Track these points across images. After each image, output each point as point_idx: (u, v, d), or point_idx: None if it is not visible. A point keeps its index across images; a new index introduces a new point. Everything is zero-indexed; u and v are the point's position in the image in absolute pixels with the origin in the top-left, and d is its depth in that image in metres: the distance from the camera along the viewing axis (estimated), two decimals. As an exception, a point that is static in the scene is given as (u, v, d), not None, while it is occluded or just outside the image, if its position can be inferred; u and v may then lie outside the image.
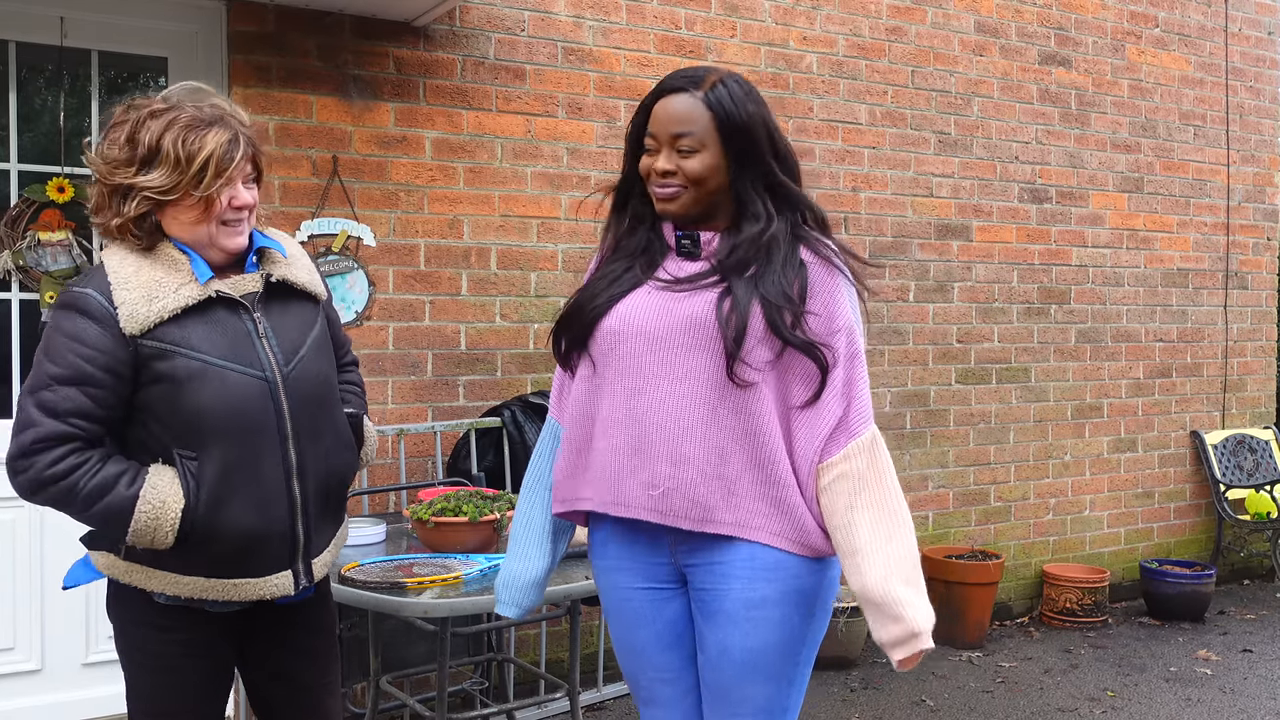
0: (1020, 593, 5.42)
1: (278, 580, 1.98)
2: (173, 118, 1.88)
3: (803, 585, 1.88)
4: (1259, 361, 6.31)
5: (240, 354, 1.92)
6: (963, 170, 5.20)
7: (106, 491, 1.83)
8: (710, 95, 1.87)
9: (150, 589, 1.95)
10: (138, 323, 1.84)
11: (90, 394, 1.83)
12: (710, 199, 1.91)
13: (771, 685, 1.90)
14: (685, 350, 1.85)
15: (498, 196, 4.09)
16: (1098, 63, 5.61)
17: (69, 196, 3.52)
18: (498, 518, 2.94)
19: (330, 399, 2.09)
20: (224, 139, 1.89)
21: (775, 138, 1.92)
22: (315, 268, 2.16)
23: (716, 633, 1.90)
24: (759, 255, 1.86)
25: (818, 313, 1.85)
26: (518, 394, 4.09)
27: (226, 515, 1.89)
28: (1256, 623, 5.40)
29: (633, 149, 1.98)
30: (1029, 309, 5.42)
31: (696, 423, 1.84)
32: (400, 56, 3.90)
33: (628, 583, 2.02)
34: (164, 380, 1.86)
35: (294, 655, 2.15)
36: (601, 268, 2.01)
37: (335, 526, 2.14)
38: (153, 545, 1.87)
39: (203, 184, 1.86)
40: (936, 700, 4.22)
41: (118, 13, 3.58)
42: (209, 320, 1.91)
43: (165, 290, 1.87)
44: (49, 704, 3.55)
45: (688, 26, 4.48)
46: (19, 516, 3.52)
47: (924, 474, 5.13)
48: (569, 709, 3.28)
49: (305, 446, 1.98)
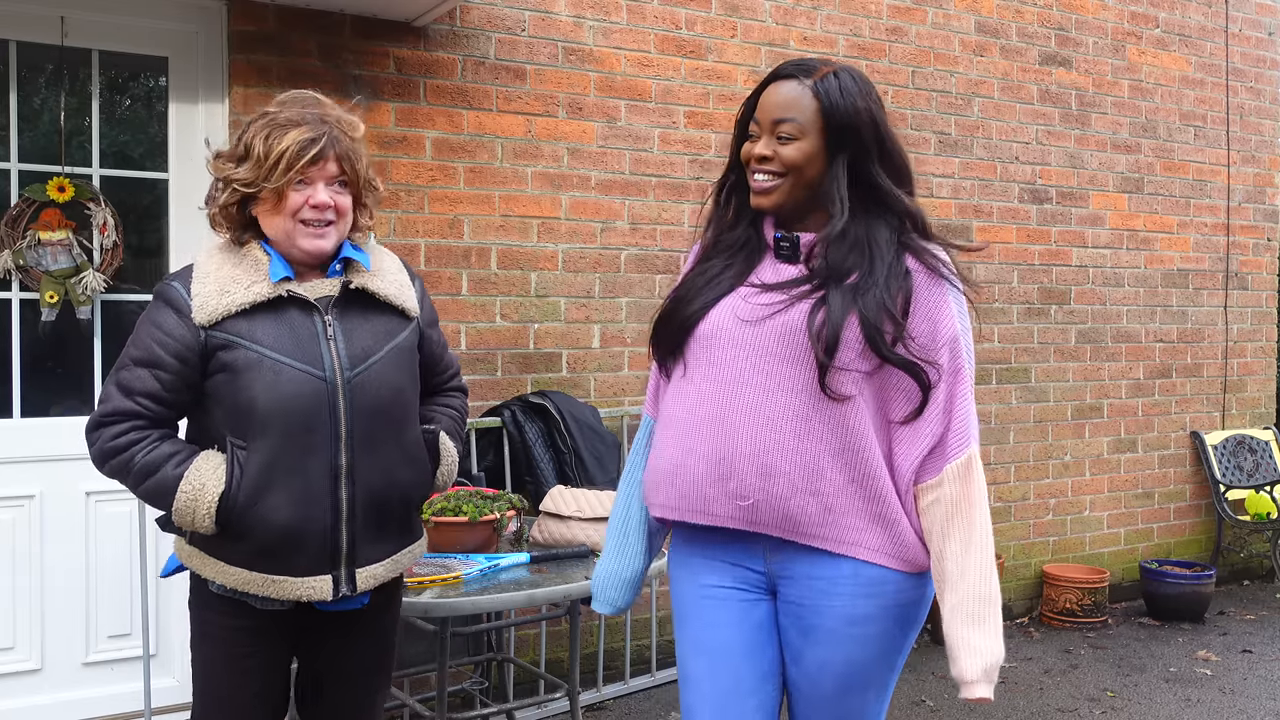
0: (1020, 593, 5.42)
1: (315, 583, 1.99)
2: (271, 118, 1.99)
3: (904, 599, 1.85)
4: (1259, 362, 6.31)
5: (303, 352, 1.97)
6: (963, 170, 5.20)
7: (156, 469, 1.95)
8: (819, 84, 1.82)
9: (204, 575, 2.03)
10: (207, 314, 1.95)
11: (160, 377, 1.95)
12: (807, 192, 1.84)
13: (871, 693, 1.89)
14: (779, 360, 1.79)
15: (498, 196, 4.09)
16: (1098, 63, 5.61)
17: (69, 196, 3.52)
18: (497, 518, 2.94)
19: (399, 411, 2.08)
20: (304, 137, 1.96)
21: (884, 137, 1.85)
22: (413, 286, 2.18)
23: (817, 649, 1.85)
24: (860, 261, 1.79)
25: (921, 326, 1.79)
26: (518, 394, 4.09)
27: (263, 507, 1.94)
28: (1256, 623, 5.40)
29: (739, 136, 1.93)
30: (1029, 309, 5.42)
31: (788, 435, 1.78)
32: (400, 56, 3.90)
33: (716, 580, 1.93)
34: (226, 370, 1.95)
35: (338, 668, 2.16)
36: (699, 264, 1.96)
37: (396, 542, 2.11)
38: (194, 527, 1.96)
39: (273, 177, 1.95)
40: (936, 700, 4.22)
41: (118, 12, 3.58)
42: (279, 319, 1.98)
43: (239, 286, 1.98)
44: (49, 704, 3.55)
45: (688, 26, 4.48)
46: (19, 516, 3.52)
47: (924, 474, 5.12)
48: (569, 709, 3.28)
49: (360, 453, 1.99)
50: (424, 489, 2.17)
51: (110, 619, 3.63)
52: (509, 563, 2.82)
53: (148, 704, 3.29)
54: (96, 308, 3.58)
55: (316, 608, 2.05)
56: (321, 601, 2.02)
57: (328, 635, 2.13)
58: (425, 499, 2.22)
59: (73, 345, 3.58)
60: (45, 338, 3.55)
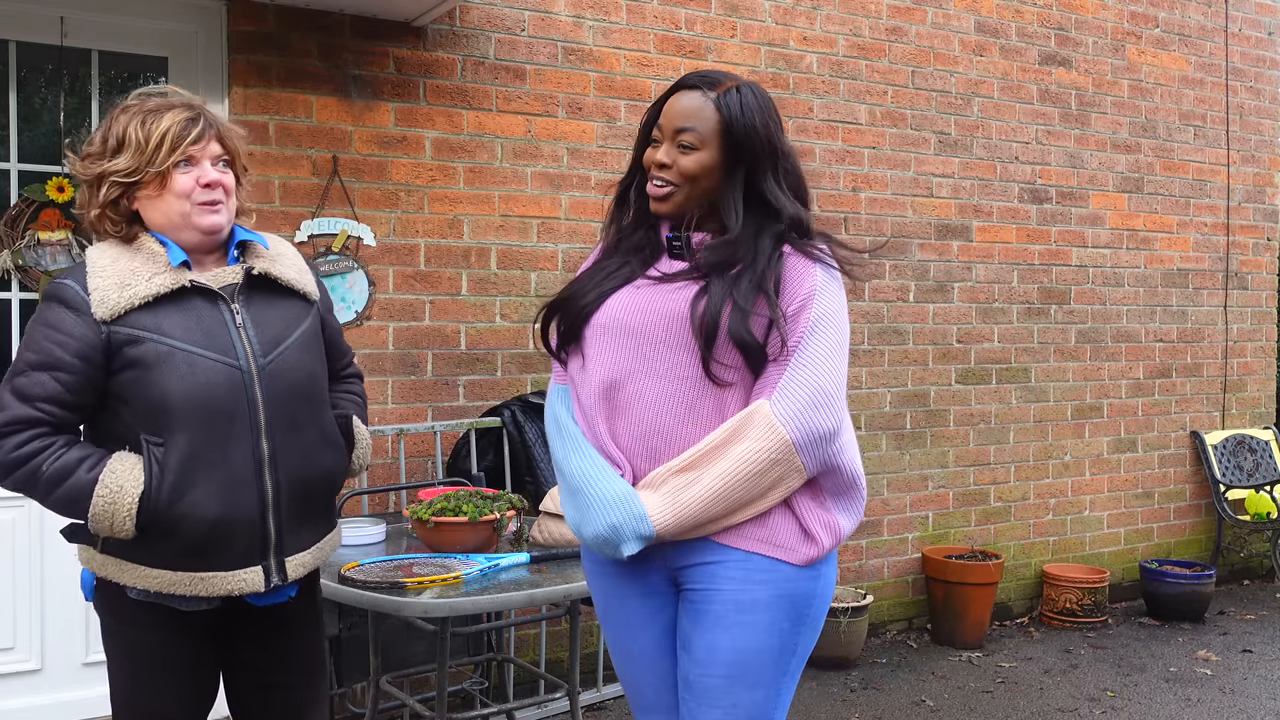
0: (1020, 593, 5.42)
1: (246, 575, 1.94)
2: (138, 108, 1.95)
3: (794, 590, 1.85)
4: (1259, 362, 6.31)
5: (214, 342, 1.92)
6: (963, 170, 5.20)
7: (67, 475, 1.85)
8: (722, 98, 1.88)
9: (123, 583, 1.94)
10: (108, 308, 1.87)
11: (61, 379, 1.86)
12: (702, 200, 1.91)
13: (759, 692, 1.86)
14: (666, 347, 1.85)
15: (498, 196, 4.09)
16: (1098, 63, 5.61)
17: (69, 196, 3.52)
18: (498, 517, 2.94)
19: (315, 396, 2.07)
20: (181, 118, 1.94)
21: (780, 153, 1.90)
22: (310, 269, 2.16)
23: (704, 634, 1.87)
24: (745, 255, 1.85)
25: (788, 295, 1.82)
26: (518, 394, 4.09)
27: (189, 502, 1.88)
28: (1256, 623, 5.40)
29: (642, 142, 1.98)
30: (1029, 309, 5.42)
31: (671, 421, 1.83)
32: (400, 56, 3.90)
33: (621, 588, 1.99)
34: (134, 366, 1.88)
35: (276, 662, 2.11)
36: (598, 262, 2.01)
37: (319, 528, 2.10)
38: (113, 533, 1.87)
39: (158, 160, 1.90)
40: (936, 700, 4.22)
41: (118, 13, 3.58)
42: (184, 309, 1.92)
43: (139, 278, 1.90)
44: (49, 704, 3.55)
45: (688, 26, 4.48)
46: (19, 517, 3.52)
47: (924, 474, 5.13)
48: (569, 709, 3.28)
49: (281, 440, 1.97)
50: (343, 472, 2.15)
51: (110, 619, 3.63)
52: (509, 563, 2.82)
53: (148, 704, 3.29)
54: (96, 308, 3.58)
55: (247, 602, 2.00)
56: (253, 595, 1.97)
57: (256, 634, 2.08)
58: (344, 483, 2.20)
59: (72, 345, 3.58)
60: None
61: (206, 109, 2.00)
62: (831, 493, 1.88)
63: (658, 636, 1.97)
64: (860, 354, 4.94)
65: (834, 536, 1.87)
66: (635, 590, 1.97)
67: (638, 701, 2.04)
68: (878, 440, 5.00)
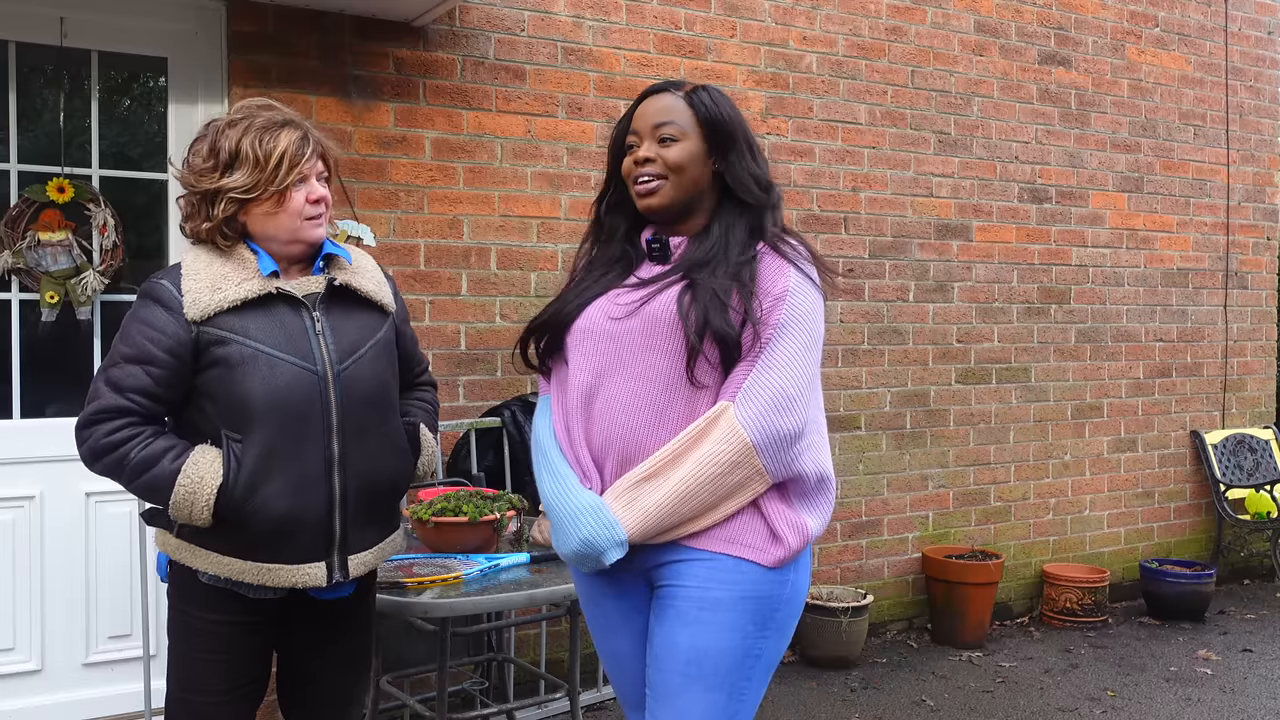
0: (1020, 593, 5.42)
1: (310, 570, 2.05)
2: (248, 124, 2.05)
3: (760, 592, 1.85)
4: (1259, 361, 6.31)
5: (295, 347, 2.03)
6: (962, 170, 5.20)
7: (152, 464, 1.97)
8: (692, 95, 1.97)
9: (195, 567, 2.05)
10: (199, 309, 1.99)
11: (152, 373, 1.98)
12: (690, 191, 1.94)
13: (718, 695, 1.83)
14: (642, 350, 1.87)
15: (498, 196, 4.09)
16: (1097, 63, 5.61)
17: (69, 197, 3.52)
18: (498, 518, 2.94)
19: (385, 403, 2.16)
20: (295, 137, 2.05)
21: (751, 140, 1.98)
22: (388, 283, 2.27)
23: (664, 628, 1.87)
24: (719, 252, 1.89)
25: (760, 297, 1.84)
26: (518, 394, 4.09)
27: (263, 497, 1.98)
28: (1256, 622, 5.40)
29: (614, 156, 2.02)
30: (1029, 309, 5.42)
31: (643, 424, 1.85)
32: (400, 56, 3.90)
33: (598, 590, 2.02)
34: (220, 365, 1.99)
35: (326, 656, 2.22)
36: (578, 275, 2.05)
37: (382, 530, 2.19)
38: (191, 521, 1.98)
39: (278, 179, 2.02)
40: (936, 700, 4.22)
41: (118, 13, 3.58)
42: (269, 315, 2.03)
43: (229, 283, 2.02)
44: (49, 704, 3.55)
45: (687, 26, 4.48)
46: (19, 517, 3.52)
47: (924, 474, 5.13)
48: (569, 709, 3.28)
49: (350, 442, 2.06)
50: (408, 478, 2.25)
51: (110, 620, 3.63)
52: (509, 563, 2.82)
53: (148, 705, 3.29)
54: (96, 308, 3.58)
55: (309, 595, 2.11)
56: (315, 589, 2.07)
57: (313, 626, 2.18)
58: (409, 487, 2.30)
59: (72, 346, 3.58)
60: (45, 338, 3.55)
61: (308, 125, 2.12)
62: (799, 494, 1.88)
63: (634, 637, 1.99)
64: (860, 354, 4.94)
65: (801, 537, 1.86)
66: (611, 592, 2.00)
67: (625, 699, 2.07)
68: (878, 440, 5.00)
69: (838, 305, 4.84)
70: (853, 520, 4.94)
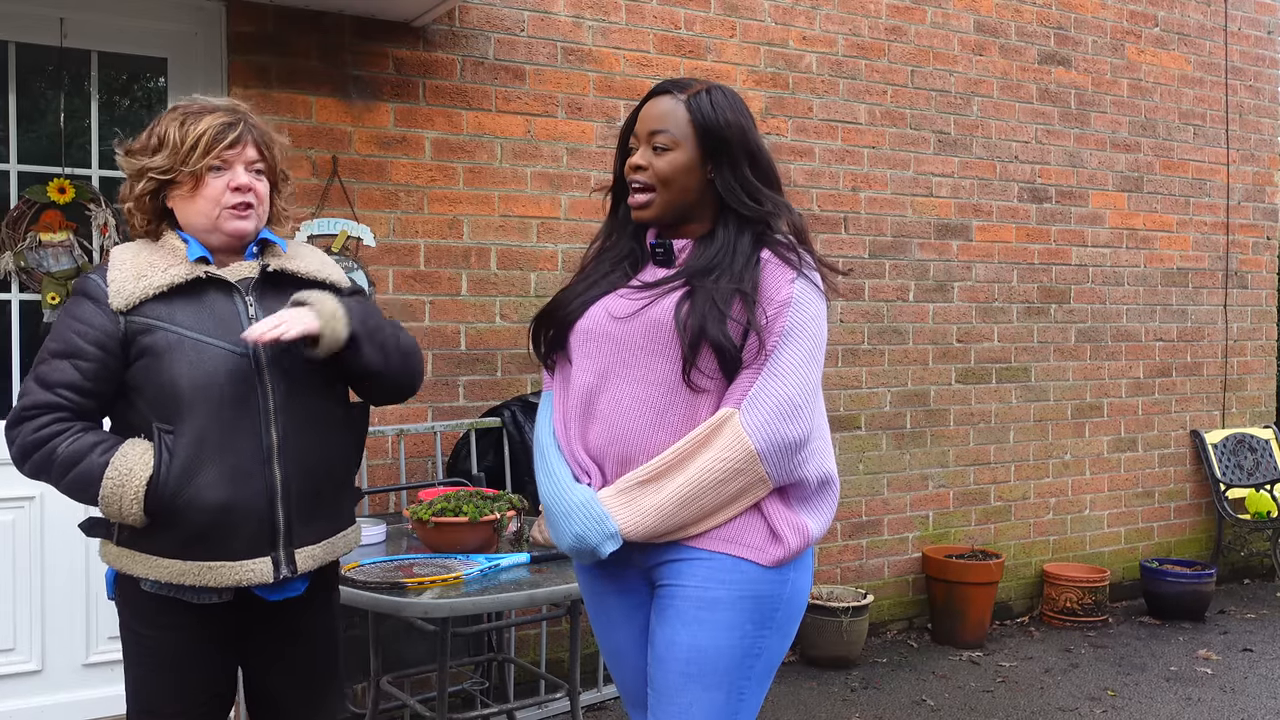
0: (1020, 592, 5.42)
1: (255, 566, 1.95)
2: (184, 109, 2.02)
3: (759, 592, 1.85)
4: (1259, 361, 6.31)
5: (225, 331, 1.96)
6: (962, 170, 5.20)
7: (80, 459, 1.90)
8: (693, 100, 1.93)
9: (136, 574, 1.97)
10: (124, 299, 1.93)
11: (80, 367, 1.92)
12: (681, 202, 1.93)
13: (718, 694, 1.84)
14: (644, 353, 1.87)
15: (498, 196, 4.09)
16: (1097, 62, 5.61)
17: (70, 197, 3.52)
18: (498, 518, 2.94)
19: (324, 387, 2.07)
20: (218, 122, 1.99)
21: (753, 148, 1.94)
22: (332, 262, 2.19)
23: (665, 628, 1.88)
24: (724, 259, 1.88)
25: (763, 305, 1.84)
26: (518, 394, 4.09)
27: (196, 488, 1.90)
28: (1257, 622, 5.40)
29: (621, 153, 2.02)
30: (1029, 309, 5.42)
31: (642, 427, 1.86)
32: (400, 57, 3.90)
33: (601, 587, 2.03)
34: (147, 354, 1.93)
35: (288, 662, 2.12)
36: (585, 269, 2.05)
37: (332, 521, 2.10)
38: (123, 518, 1.91)
39: (190, 161, 1.96)
40: (937, 700, 4.22)
41: (118, 13, 3.58)
42: (199, 301, 1.97)
43: (155, 270, 1.97)
44: (49, 704, 3.55)
45: (687, 26, 4.48)
46: (19, 517, 3.52)
47: (924, 474, 5.14)
48: (569, 709, 3.28)
49: (290, 429, 1.98)
50: (353, 466, 2.16)
51: (110, 620, 3.60)
52: (509, 563, 2.82)
53: (148, 705, 3.29)
54: (96, 309, 3.58)
55: (257, 594, 2.01)
56: (263, 587, 1.98)
57: (268, 631, 2.09)
58: (354, 476, 2.20)
59: (73, 346, 3.58)
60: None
61: (250, 115, 2.06)
62: (800, 496, 1.88)
63: (635, 634, 2.00)
64: (860, 354, 4.94)
65: (802, 538, 1.87)
66: (613, 588, 2.00)
67: (628, 696, 2.07)
68: (878, 440, 5.00)
69: (838, 305, 4.84)
70: (853, 520, 4.94)
